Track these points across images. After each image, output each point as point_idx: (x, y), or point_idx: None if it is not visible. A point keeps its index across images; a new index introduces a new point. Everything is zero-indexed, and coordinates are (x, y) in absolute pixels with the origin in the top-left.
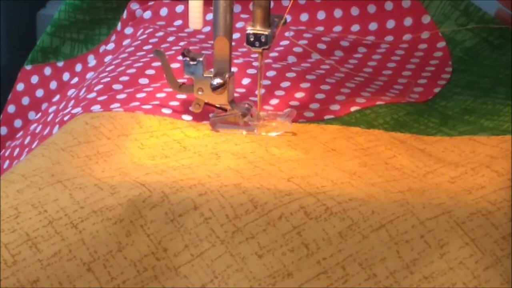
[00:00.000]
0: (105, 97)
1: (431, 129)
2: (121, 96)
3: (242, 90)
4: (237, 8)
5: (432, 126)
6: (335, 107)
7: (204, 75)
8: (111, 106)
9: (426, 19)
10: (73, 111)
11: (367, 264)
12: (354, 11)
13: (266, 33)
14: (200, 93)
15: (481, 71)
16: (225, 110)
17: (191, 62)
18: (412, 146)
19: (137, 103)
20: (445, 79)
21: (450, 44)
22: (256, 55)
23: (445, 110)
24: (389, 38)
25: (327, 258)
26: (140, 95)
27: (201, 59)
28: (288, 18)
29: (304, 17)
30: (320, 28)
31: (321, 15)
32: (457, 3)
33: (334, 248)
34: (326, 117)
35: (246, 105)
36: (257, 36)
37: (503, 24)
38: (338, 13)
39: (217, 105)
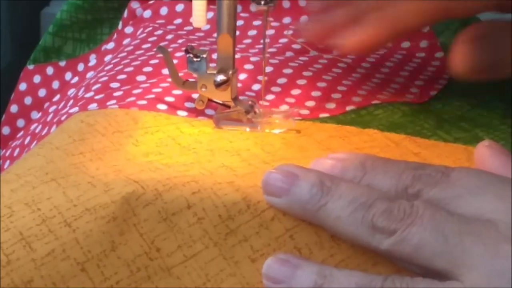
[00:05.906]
0: (102, 95)
1: (427, 131)
2: (118, 93)
3: (239, 84)
4: (237, 8)
5: (427, 128)
6: (331, 105)
7: (208, 72)
8: (107, 103)
9: (425, 27)
10: (71, 111)
11: (359, 269)
12: None
13: None
14: (203, 89)
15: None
16: (229, 106)
17: (195, 59)
18: (407, 149)
19: (132, 99)
20: (442, 84)
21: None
22: (254, 51)
23: (441, 113)
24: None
25: (319, 263)
26: (136, 91)
27: (204, 56)
28: (288, 20)
29: (304, 19)
30: None
31: None
32: None
33: (326, 252)
34: (321, 115)
35: (250, 102)
36: None
37: None
38: None
39: (219, 102)
